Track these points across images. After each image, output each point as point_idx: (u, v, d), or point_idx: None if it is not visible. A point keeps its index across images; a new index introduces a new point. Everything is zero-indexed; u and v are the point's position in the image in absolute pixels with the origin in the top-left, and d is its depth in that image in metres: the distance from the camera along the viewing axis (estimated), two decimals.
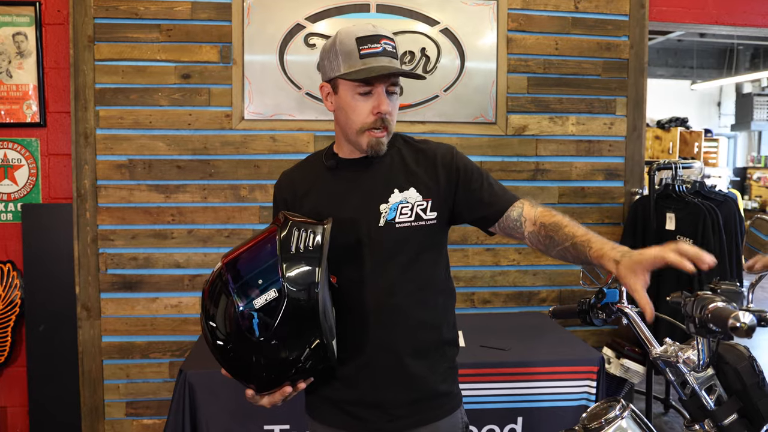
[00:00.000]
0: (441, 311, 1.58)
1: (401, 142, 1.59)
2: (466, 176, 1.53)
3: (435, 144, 1.59)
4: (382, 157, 1.52)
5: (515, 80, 3.24)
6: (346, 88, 1.45)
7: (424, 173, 1.52)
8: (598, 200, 3.34)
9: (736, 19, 3.59)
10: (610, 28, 3.29)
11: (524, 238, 1.50)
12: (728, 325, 1.05)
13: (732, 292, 1.18)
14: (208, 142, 3.08)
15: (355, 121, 1.46)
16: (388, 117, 1.45)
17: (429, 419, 1.51)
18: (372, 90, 1.43)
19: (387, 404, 1.49)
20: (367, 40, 1.42)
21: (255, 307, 1.21)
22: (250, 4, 3.05)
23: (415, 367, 1.49)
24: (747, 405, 1.23)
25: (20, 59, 3.08)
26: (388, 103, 1.44)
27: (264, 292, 1.22)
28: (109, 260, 3.07)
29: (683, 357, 1.26)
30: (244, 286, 1.23)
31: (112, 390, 3.11)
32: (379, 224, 1.48)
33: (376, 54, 1.41)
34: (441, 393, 1.54)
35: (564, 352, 2.58)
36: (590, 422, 1.34)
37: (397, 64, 1.46)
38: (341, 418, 1.52)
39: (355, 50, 1.41)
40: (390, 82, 1.44)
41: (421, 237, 1.49)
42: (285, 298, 1.22)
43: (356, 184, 1.52)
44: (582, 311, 1.57)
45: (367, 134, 1.46)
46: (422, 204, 1.49)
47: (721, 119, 12.92)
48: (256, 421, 2.37)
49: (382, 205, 1.48)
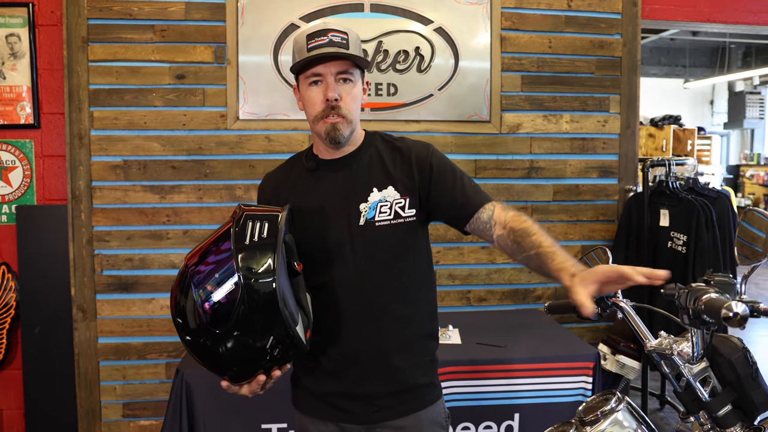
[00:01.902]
0: (423, 305, 1.62)
1: (379, 141, 1.62)
2: (439, 175, 1.56)
3: (412, 142, 1.62)
4: (359, 156, 1.57)
5: (509, 79, 3.25)
6: (301, 82, 1.53)
7: (400, 171, 1.55)
8: (593, 197, 3.36)
9: (728, 17, 3.61)
10: (603, 26, 3.30)
11: (493, 241, 1.53)
12: (721, 315, 1.06)
13: (725, 284, 1.19)
14: (203, 143, 3.08)
15: (310, 112, 1.52)
16: (340, 104, 1.49)
17: (412, 409, 1.57)
18: (321, 79, 1.48)
19: (371, 396, 1.54)
20: (315, 35, 1.48)
21: (214, 300, 1.25)
22: (244, 4, 3.05)
23: (399, 361, 1.54)
24: (741, 396, 1.24)
25: (14, 60, 3.07)
26: (335, 89, 1.48)
27: (221, 284, 1.26)
28: (105, 261, 3.07)
29: (678, 349, 1.27)
30: (203, 280, 1.27)
31: (109, 391, 3.11)
32: (359, 223, 1.52)
33: (322, 45, 1.46)
34: (423, 384, 1.59)
35: (560, 348, 2.60)
36: (586, 415, 1.35)
37: (348, 52, 1.48)
38: (327, 409, 1.57)
39: (304, 45, 1.48)
40: (339, 70, 1.48)
41: (400, 234, 1.53)
42: (242, 288, 1.24)
43: (336, 184, 1.56)
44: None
45: (322, 122, 1.50)
46: (401, 202, 1.53)
47: (714, 117, 12.99)
48: (253, 420, 2.37)
49: (362, 204, 1.52)
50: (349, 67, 1.49)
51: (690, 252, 3.16)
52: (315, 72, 1.48)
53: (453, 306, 3.28)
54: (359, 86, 1.54)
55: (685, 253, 3.19)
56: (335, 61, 1.47)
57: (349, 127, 1.52)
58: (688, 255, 3.17)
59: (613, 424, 1.32)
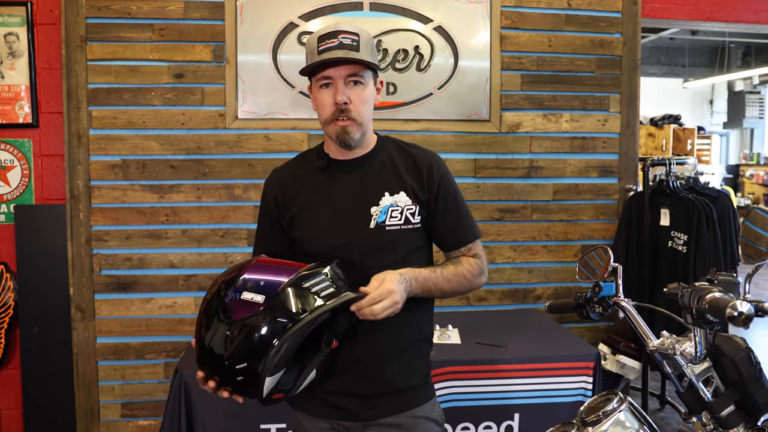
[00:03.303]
0: (423, 310, 1.64)
1: (392, 145, 1.64)
2: (444, 201, 1.60)
3: (425, 152, 1.64)
4: (372, 159, 1.58)
5: (509, 77, 3.24)
6: (313, 85, 1.54)
7: (413, 179, 1.58)
8: (593, 197, 3.35)
9: (728, 16, 3.61)
10: (603, 24, 3.29)
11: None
12: (726, 314, 1.05)
13: (728, 283, 1.19)
14: (202, 142, 3.07)
15: (321, 114, 1.53)
16: (350, 107, 1.49)
17: (406, 407, 1.59)
18: (331, 82, 1.49)
19: (365, 395, 1.56)
20: (325, 37, 1.48)
21: (238, 297, 1.30)
22: (243, 3, 3.04)
23: (396, 364, 1.57)
24: (744, 396, 1.23)
25: (12, 60, 3.06)
26: (344, 93, 1.48)
27: (255, 292, 1.30)
28: (103, 261, 3.06)
29: (680, 349, 1.26)
30: (250, 280, 1.32)
31: (107, 391, 3.10)
32: (369, 226, 1.53)
33: (332, 48, 1.46)
34: (416, 385, 1.62)
35: (560, 348, 2.59)
36: (588, 415, 1.34)
37: (358, 56, 1.48)
38: (321, 406, 1.58)
39: (315, 48, 1.48)
40: (348, 73, 1.49)
41: (409, 239, 1.56)
42: (261, 308, 1.28)
43: (347, 186, 1.57)
44: (579, 305, 1.57)
45: (333, 125, 1.51)
46: (411, 208, 1.55)
47: (714, 117, 12.99)
48: (252, 420, 2.36)
49: (373, 207, 1.54)
50: (360, 69, 1.49)
51: (690, 251, 3.15)
52: (325, 75, 1.48)
53: (453, 306, 3.27)
54: (370, 88, 1.54)
55: (686, 252, 3.18)
56: (345, 65, 1.48)
57: (359, 130, 1.52)
58: (689, 254, 3.16)
59: (615, 424, 1.32)
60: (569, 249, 3.35)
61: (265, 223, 1.68)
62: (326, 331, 1.44)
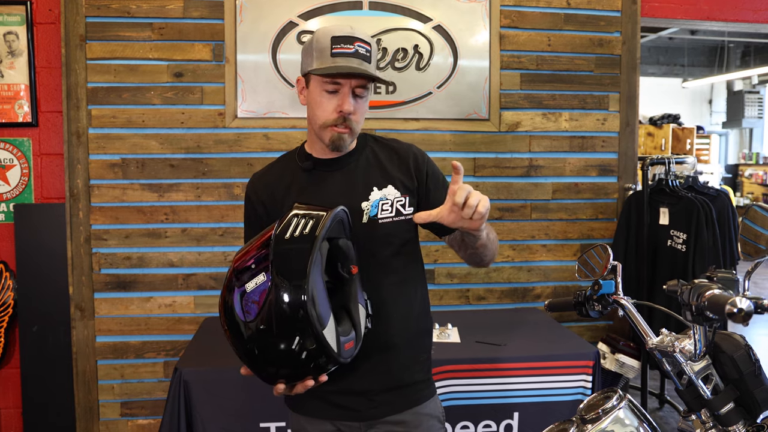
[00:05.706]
0: (420, 302, 1.65)
1: (372, 141, 1.65)
2: (435, 182, 1.61)
3: (406, 144, 1.66)
4: (356, 156, 1.59)
5: (508, 77, 3.24)
6: (315, 84, 1.51)
7: (398, 171, 1.59)
8: (592, 196, 3.35)
9: (728, 15, 3.61)
10: (602, 24, 3.29)
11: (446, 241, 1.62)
12: (725, 311, 1.05)
13: (728, 280, 1.19)
14: (201, 141, 3.07)
15: (320, 117, 1.51)
16: (351, 117, 1.50)
17: (411, 404, 1.59)
18: (339, 89, 1.48)
19: (371, 392, 1.55)
20: (341, 40, 1.46)
21: (246, 290, 1.28)
22: (243, 2, 3.04)
23: (400, 357, 1.57)
24: (744, 394, 1.23)
25: (11, 59, 3.06)
26: (352, 104, 1.48)
27: (255, 276, 1.28)
28: (103, 260, 3.06)
29: (680, 347, 1.26)
30: (242, 272, 1.30)
31: (107, 390, 3.10)
32: (362, 221, 1.53)
33: (348, 54, 1.45)
34: (420, 380, 1.62)
35: (559, 347, 2.59)
36: (587, 413, 1.34)
37: (370, 68, 1.48)
38: (325, 408, 1.57)
39: (328, 48, 1.46)
40: (358, 84, 1.48)
41: (402, 231, 1.57)
42: (270, 281, 1.25)
43: (334, 184, 1.57)
44: (578, 303, 1.57)
45: (330, 129, 1.51)
46: (401, 200, 1.56)
47: (713, 117, 12.99)
48: (252, 419, 2.36)
49: (364, 202, 1.54)
50: (368, 82, 1.50)
51: (690, 250, 3.15)
52: (336, 82, 1.47)
53: (452, 305, 3.27)
54: (369, 98, 1.56)
55: (685, 251, 3.18)
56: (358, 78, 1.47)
57: (352, 138, 1.55)
58: (688, 253, 3.16)
59: (615, 422, 1.32)
60: (568, 248, 3.35)
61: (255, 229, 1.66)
62: (339, 262, 1.43)
